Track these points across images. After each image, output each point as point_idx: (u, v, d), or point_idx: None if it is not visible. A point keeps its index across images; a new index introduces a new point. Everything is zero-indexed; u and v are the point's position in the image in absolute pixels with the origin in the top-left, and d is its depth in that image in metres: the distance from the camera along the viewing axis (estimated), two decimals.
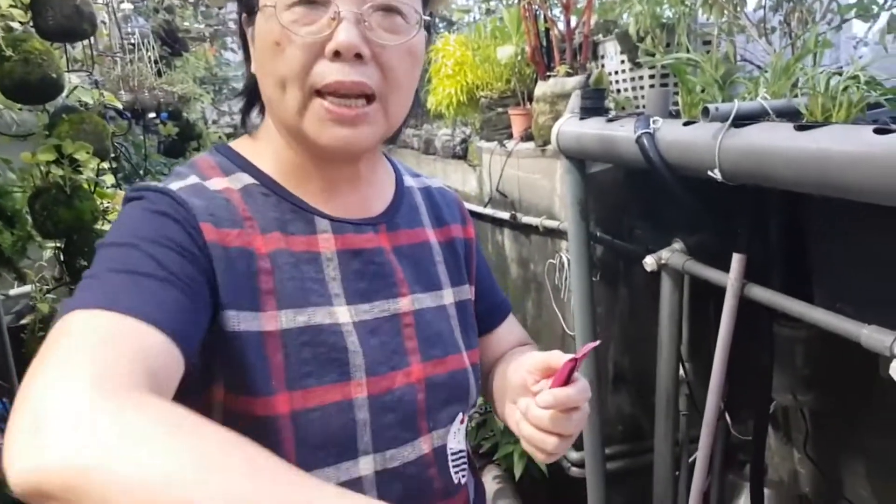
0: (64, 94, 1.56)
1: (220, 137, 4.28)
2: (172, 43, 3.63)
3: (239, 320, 0.64)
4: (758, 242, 1.18)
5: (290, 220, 0.70)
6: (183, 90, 3.50)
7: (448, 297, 0.81)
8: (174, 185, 0.67)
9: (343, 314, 0.70)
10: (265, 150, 0.73)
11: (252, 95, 0.76)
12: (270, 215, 0.69)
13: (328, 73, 0.64)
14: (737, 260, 1.15)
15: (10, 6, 1.36)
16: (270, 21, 0.65)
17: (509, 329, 0.93)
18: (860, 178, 0.85)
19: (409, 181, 0.86)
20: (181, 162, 4.50)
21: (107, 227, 1.79)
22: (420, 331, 0.75)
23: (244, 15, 0.72)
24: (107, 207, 1.71)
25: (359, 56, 0.64)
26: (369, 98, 0.67)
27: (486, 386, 0.88)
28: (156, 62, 3.53)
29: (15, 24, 1.39)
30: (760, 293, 1.14)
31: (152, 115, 3.42)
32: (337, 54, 0.64)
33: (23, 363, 1.58)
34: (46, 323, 1.50)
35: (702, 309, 1.72)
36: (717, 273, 1.25)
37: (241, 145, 0.75)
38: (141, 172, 3.88)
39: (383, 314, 0.73)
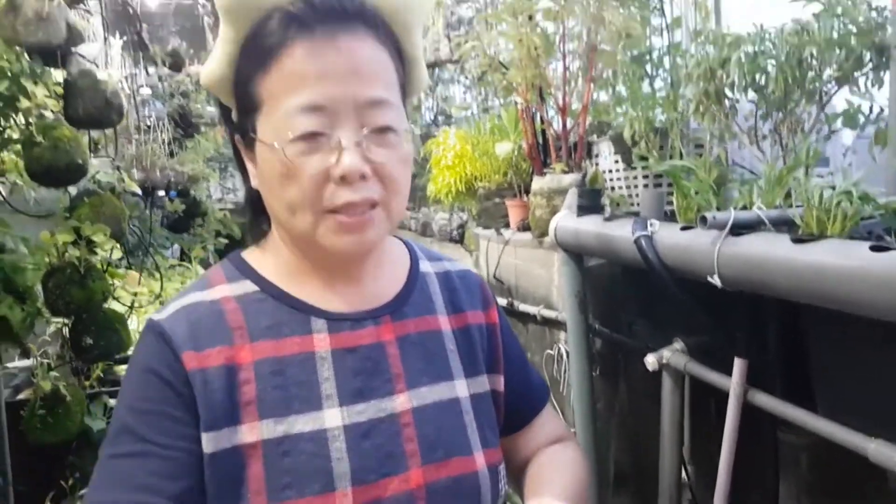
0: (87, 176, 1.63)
1: (224, 215, 4.37)
2: (186, 126, 3.78)
3: (217, 440, 0.67)
4: (759, 347, 1.20)
5: (285, 321, 0.73)
6: (192, 170, 3.61)
7: (462, 388, 0.77)
8: (171, 308, 0.74)
9: (333, 418, 0.69)
10: (270, 256, 0.78)
11: (255, 208, 0.79)
12: (264, 323, 0.73)
13: (338, 195, 0.69)
14: (739, 364, 1.17)
15: (46, 96, 1.43)
16: (275, 154, 0.68)
17: (542, 422, 0.89)
18: (857, 294, 0.88)
19: (425, 266, 0.85)
20: (184, 237, 4.58)
21: (115, 305, 1.80)
22: (421, 430, 0.72)
23: (237, 136, 0.76)
24: (114, 287, 1.74)
25: (363, 176, 0.69)
26: (373, 204, 0.71)
27: (520, 486, 0.84)
28: (169, 143, 3.65)
29: (47, 113, 1.46)
30: (764, 400, 1.15)
31: (161, 192, 3.51)
32: (343, 178, 0.68)
33: (20, 439, 1.56)
34: (47, 401, 1.49)
35: (703, 408, 1.71)
36: (719, 377, 1.26)
37: (250, 254, 0.80)
38: (145, 245, 3.92)
39: (379, 414, 0.71)
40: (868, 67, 1.42)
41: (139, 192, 1.96)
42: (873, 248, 0.87)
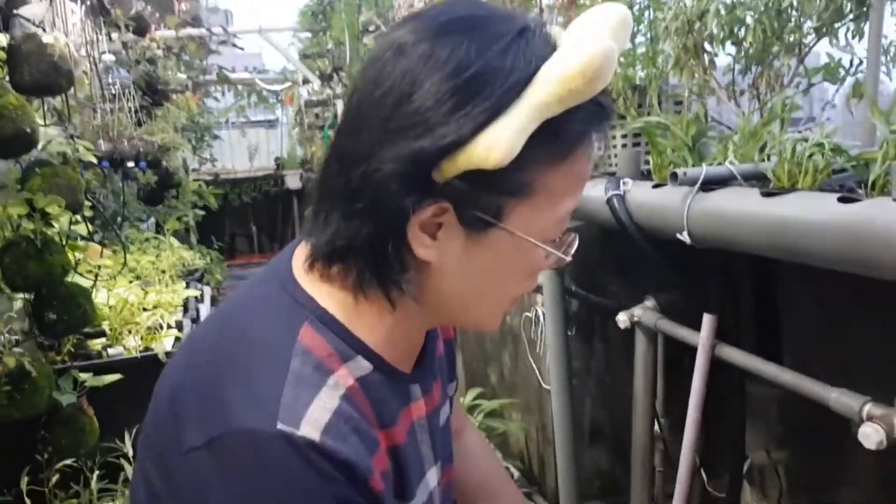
0: (39, 146, 1.56)
1: (199, 186, 4.29)
2: (153, 94, 3.67)
3: None
4: (729, 303, 1.20)
5: (395, 397, 0.65)
6: (163, 140, 3.52)
7: (447, 407, 0.79)
8: (322, 419, 0.55)
9: (432, 477, 0.70)
10: (363, 317, 0.62)
11: (388, 265, 0.60)
12: (386, 409, 0.63)
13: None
14: (708, 320, 1.17)
15: None
16: (529, 252, 0.61)
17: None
18: (825, 247, 0.87)
19: None
20: (159, 210, 4.49)
21: (78, 279, 1.76)
22: (440, 449, 0.75)
23: (447, 206, 0.58)
24: (78, 260, 1.70)
25: None
26: None
27: None
28: (136, 112, 3.55)
29: None
30: (731, 354, 1.15)
31: (131, 164, 3.42)
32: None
33: None
34: (12, 378, 1.46)
35: (677, 364, 1.72)
36: (688, 332, 1.26)
37: (332, 303, 0.62)
38: (119, 220, 3.85)
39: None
40: (848, 18, 1.40)
41: (93, 159, 1.89)
42: (841, 200, 0.86)
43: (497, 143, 0.54)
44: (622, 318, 1.45)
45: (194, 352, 0.63)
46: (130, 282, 2.51)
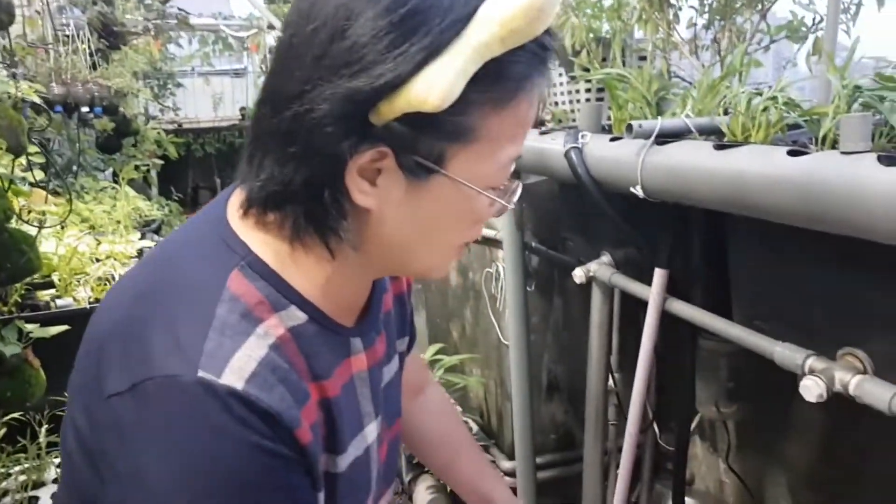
0: None
1: (158, 133, 4.16)
2: (109, 36, 3.51)
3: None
4: (680, 258, 1.20)
5: (332, 349, 0.63)
6: (119, 85, 3.39)
7: (396, 362, 0.78)
8: (247, 367, 0.53)
9: (371, 432, 0.69)
10: (313, 272, 0.60)
11: (324, 211, 0.57)
12: (320, 362, 0.61)
13: (478, 231, 0.65)
14: (658, 275, 1.17)
15: None
16: (472, 199, 0.59)
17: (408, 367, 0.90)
18: (773, 199, 0.87)
19: None
20: (116, 159, 4.35)
21: (25, 228, 1.70)
22: (387, 406, 0.74)
23: (388, 151, 0.55)
24: (23, 206, 1.63)
25: None
26: None
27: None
28: (91, 55, 3.41)
29: None
30: (681, 308, 1.16)
31: (86, 109, 3.30)
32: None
33: None
34: None
35: (633, 321, 1.74)
36: (641, 287, 1.27)
37: (274, 256, 0.60)
38: (75, 168, 3.73)
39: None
40: None
41: (37, 99, 1.81)
42: (790, 153, 0.85)
43: (436, 85, 0.52)
44: (578, 274, 1.45)
45: (121, 296, 0.61)
46: (83, 232, 2.44)
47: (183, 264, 0.60)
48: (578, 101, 1.77)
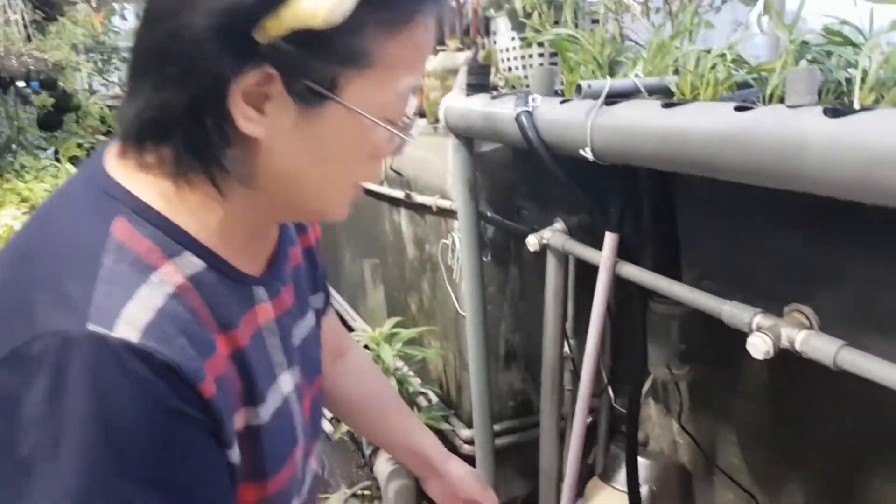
0: None
1: (101, 109, 4.00)
2: (44, 6, 3.35)
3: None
4: (630, 221, 1.19)
5: (235, 299, 0.59)
6: (57, 57, 3.24)
7: (311, 317, 0.76)
8: (141, 318, 0.49)
9: (286, 382, 0.65)
10: (203, 213, 0.57)
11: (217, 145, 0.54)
12: (223, 311, 0.57)
13: (378, 170, 0.63)
14: (609, 239, 1.16)
15: None
16: (369, 131, 0.56)
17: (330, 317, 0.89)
18: (720, 156, 0.86)
19: None
20: (58, 137, 4.17)
21: None
22: (304, 362, 0.71)
23: (275, 72, 0.52)
24: None
25: None
26: None
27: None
28: (25, 27, 3.24)
29: None
30: (631, 271, 1.15)
31: (22, 83, 3.15)
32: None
33: None
34: None
35: (588, 287, 1.74)
36: (593, 253, 1.26)
37: (160, 198, 0.56)
38: (14, 147, 3.57)
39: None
40: None
41: None
42: (737, 109, 0.84)
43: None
44: (532, 242, 1.44)
45: (1, 259, 0.56)
46: (21, 211, 2.33)
47: (61, 221, 0.56)
48: (531, 66, 1.75)
